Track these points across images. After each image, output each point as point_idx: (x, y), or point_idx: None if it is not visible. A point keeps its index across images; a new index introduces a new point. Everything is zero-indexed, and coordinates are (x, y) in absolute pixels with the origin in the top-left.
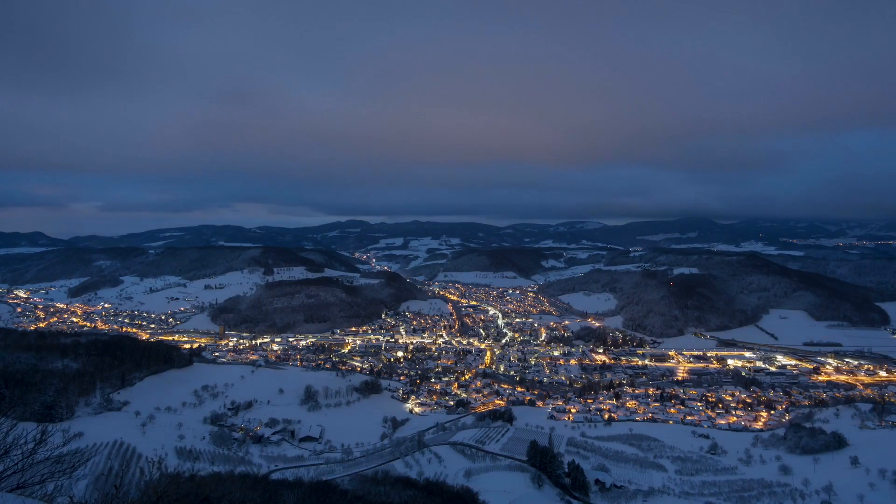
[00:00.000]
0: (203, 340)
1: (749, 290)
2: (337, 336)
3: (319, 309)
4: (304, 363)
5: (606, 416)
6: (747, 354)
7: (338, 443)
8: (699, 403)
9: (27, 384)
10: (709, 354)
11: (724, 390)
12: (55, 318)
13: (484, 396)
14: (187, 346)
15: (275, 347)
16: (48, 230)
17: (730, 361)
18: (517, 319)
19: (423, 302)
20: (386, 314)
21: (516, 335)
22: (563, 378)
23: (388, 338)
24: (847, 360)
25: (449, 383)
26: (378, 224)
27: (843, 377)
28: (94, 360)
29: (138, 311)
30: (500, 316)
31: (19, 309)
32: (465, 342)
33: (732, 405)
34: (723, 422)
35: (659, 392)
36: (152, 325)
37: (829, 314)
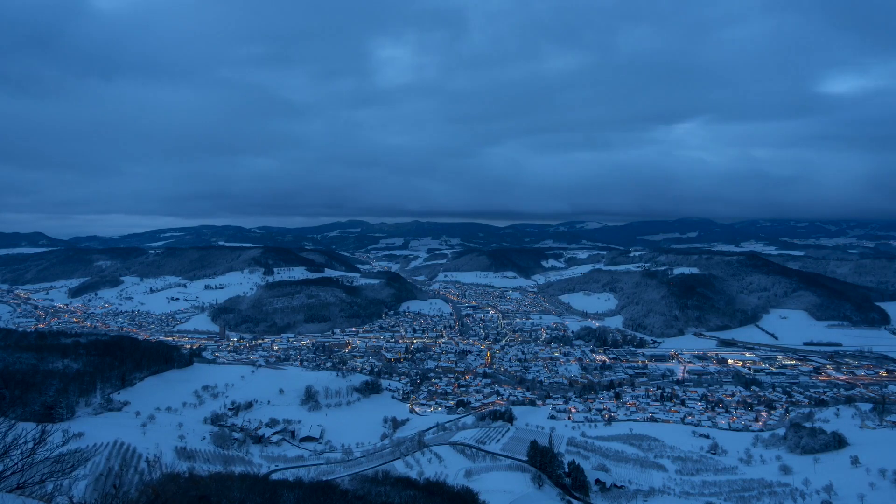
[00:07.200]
0: (203, 340)
1: (749, 290)
2: (337, 336)
3: (320, 309)
4: (305, 363)
5: (607, 416)
6: (747, 354)
7: (338, 443)
8: (699, 403)
9: (28, 384)
10: (709, 354)
11: (725, 390)
12: (55, 319)
13: (484, 396)
14: (188, 346)
15: (275, 347)
16: (48, 230)
17: (730, 361)
18: (517, 319)
19: (423, 302)
20: (386, 314)
21: (516, 335)
22: (564, 378)
23: (389, 338)
24: (847, 359)
25: (449, 383)
26: (378, 224)
27: (843, 377)
28: (95, 361)
29: (138, 311)
30: (501, 316)
31: (20, 309)
32: (465, 342)
33: (733, 405)
34: (723, 422)
35: (659, 392)
36: (152, 326)
37: (829, 314)
